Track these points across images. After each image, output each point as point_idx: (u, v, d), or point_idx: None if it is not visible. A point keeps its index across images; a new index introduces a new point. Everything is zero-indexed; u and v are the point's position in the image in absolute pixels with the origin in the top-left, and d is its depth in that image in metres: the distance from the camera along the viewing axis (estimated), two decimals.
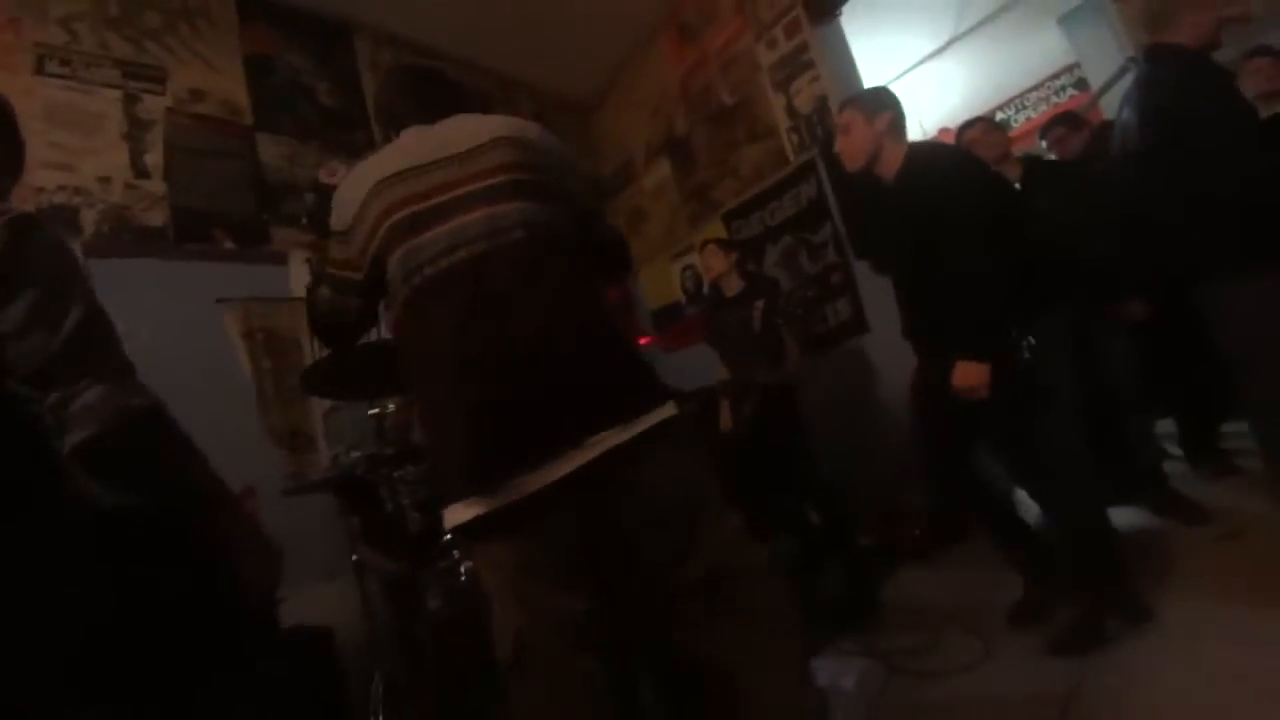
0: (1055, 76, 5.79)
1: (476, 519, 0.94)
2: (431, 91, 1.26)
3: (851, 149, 1.83)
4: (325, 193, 1.29)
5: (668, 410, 1.00)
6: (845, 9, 3.31)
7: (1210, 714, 1.27)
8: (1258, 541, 1.86)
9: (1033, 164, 2.54)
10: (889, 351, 3.06)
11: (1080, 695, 1.45)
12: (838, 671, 1.70)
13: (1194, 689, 1.34)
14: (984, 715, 1.52)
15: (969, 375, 1.59)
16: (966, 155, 1.86)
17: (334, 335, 1.26)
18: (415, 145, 1.10)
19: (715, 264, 2.73)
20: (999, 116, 5.90)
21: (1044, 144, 2.91)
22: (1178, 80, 1.77)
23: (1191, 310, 1.84)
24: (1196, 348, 2.00)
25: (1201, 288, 1.80)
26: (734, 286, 2.72)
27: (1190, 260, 1.79)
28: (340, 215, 1.12)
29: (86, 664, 0.82)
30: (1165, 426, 2.64)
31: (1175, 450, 2.59)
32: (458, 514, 0.96)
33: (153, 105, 2.59)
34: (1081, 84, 5.36)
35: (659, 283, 4.30)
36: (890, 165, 1.78)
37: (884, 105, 1.81)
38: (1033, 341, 1.64)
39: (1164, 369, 2.44)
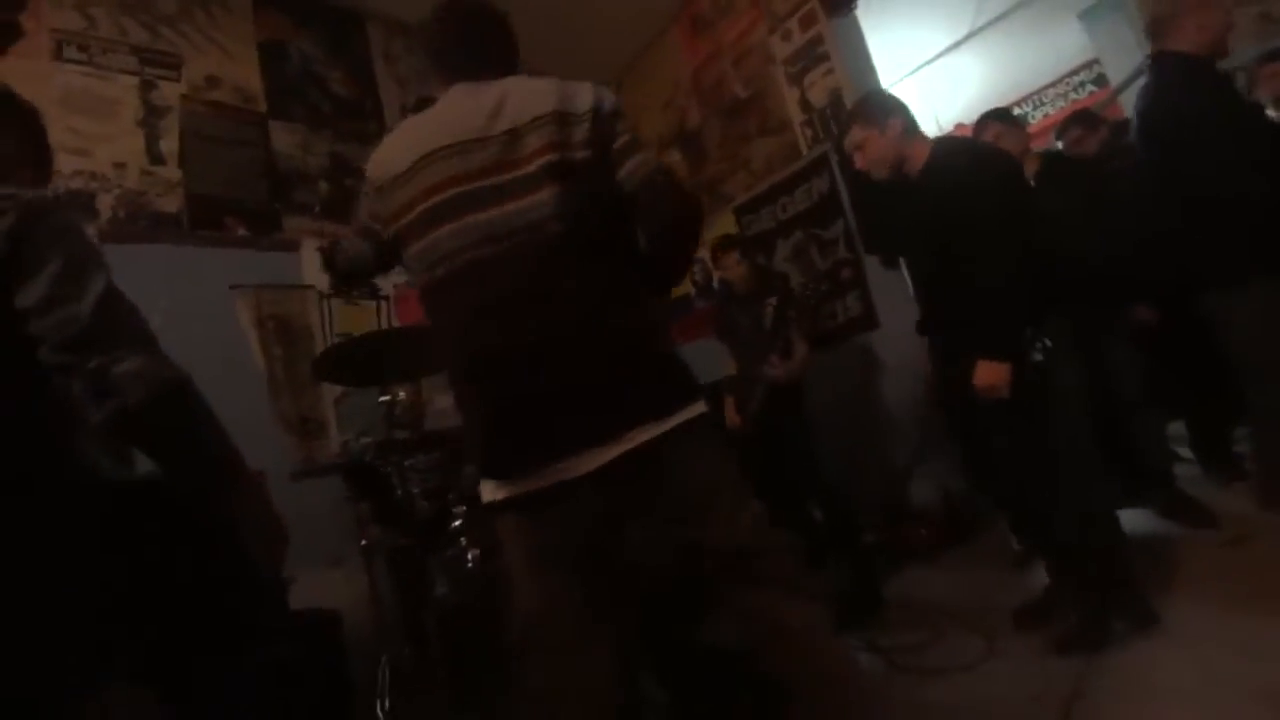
0: (1074, 73, 5.70)
1: (505, 499, 0.99)
2: (488, 44, 1.18)
3: (874, 162, 1.80)
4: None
5: (698, 407, 1.01)
6: (861, 1, 3.28)
7: (1211, 719, 1.26)
8: (1264, 548, 1.85)
9: (1052, 160, 2.51)
10: (899, 348, 3.04)
11: (1083, 696, 1.45)
12: None
13: (1196, 693, 1.34)
14: (986, 714, 1.52)
15: (990, 375, 1.59)
16: (992, 150, 1.83)
17: (344, 274, 1.25)
18: (463, 115, 1.05)
19: (733, 268, 2.70)
20: (1016, 113, 5.82)
21: (1060, 144, 2.87)
22: (1180, 90, 1.77)
23: (1200, 315, 1.84)
24: (1206, 352, 1.99)
25: (1207, 294, 1.80)
26: (745, 283, 2.71)
27: (1192, 268, 1.81)
28: (384, 170, 1.09)
29: (98, 641, 0.84)
30: (1177, 428, 2.62)
31: (1187, 453, 2.57)
32: (488, 492, 1.02)
33: (168, 92, 2.61)
34: (1101, 80, 5.28)
35: None
36: (917, 164, 1.76)
37: (888, 110, 1.78)
38: (1048, 343, 1.63)
39: (1175, 372, 2.42)
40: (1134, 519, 2.16)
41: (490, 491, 1.02)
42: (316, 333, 2.67)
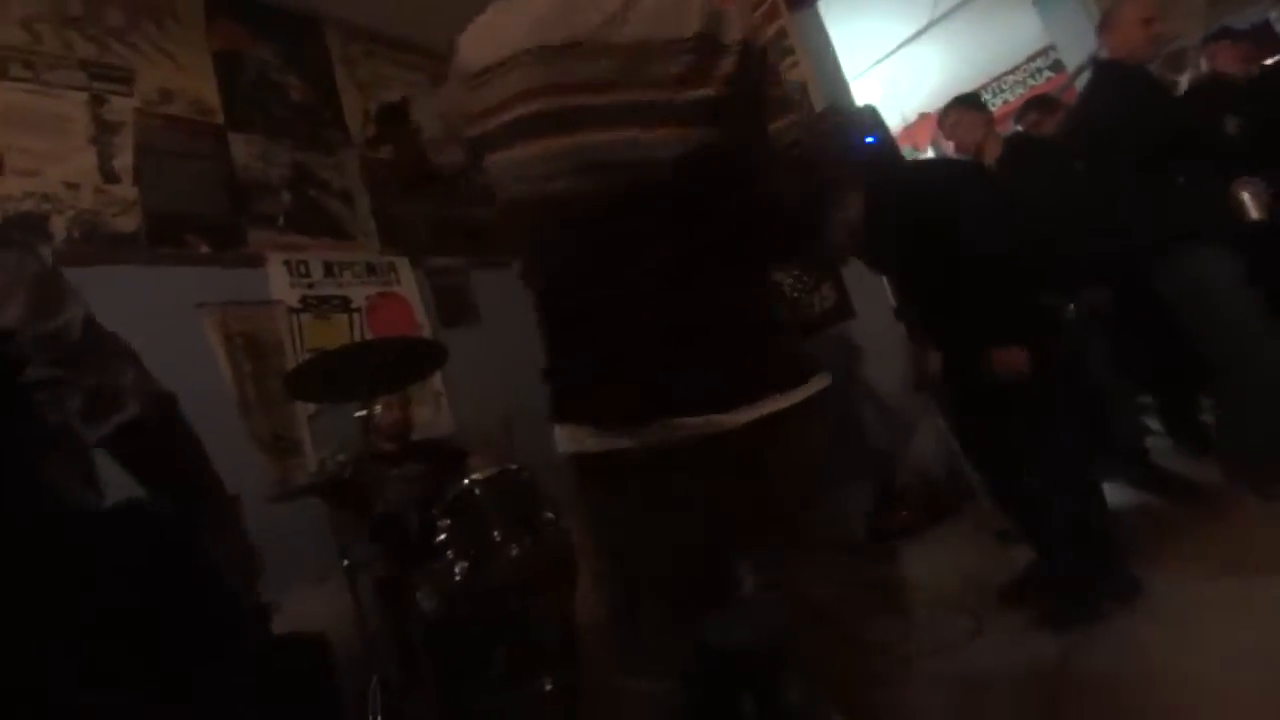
0: (1031, 59, 5.82)
1: (607, 454, 0.85)
2: None
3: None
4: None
5: (824, 380, 0.89)
6: None
7: (1198, 684, 1.30)
8: (1237, 515, 1.90)
9: (1014, 142, 2.56)
10: (875, 335, 3.08)
11: (1071, 669, 1.48)
12: None
13: (1181, 660, 1.37)
14: (974, 691, 1.54)
15: (1010, 359, 1.64)
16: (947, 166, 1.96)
17: (411, 168, 1.09)
18: (576, 4, 0.85)
19: None
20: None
21: (1019, 129, 2.93)
22: (1108, 95, 2.02)
23: (1159, 289, 1.96)
24: (1169, 325, 2.06)
25: (1155, 266, 1.96)
26: None
27: (1136, 244, 1.99)
28: (475, 55, 0.89)
29: (77, 656, 0.81)
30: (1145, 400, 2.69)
31: (1157, 425, 2.64)
32: (577, 441, 0.88)
33: (120, 107, 2.53)
34: (1058, 66, 5.40)
35: None
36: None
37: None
38: (1072, 307, 1.70)
39: (1140, 346, 2.48)
40: (1109, 493, 2.22)
41: (579, 441, 0.88)
42: (287, 349, 2.61)
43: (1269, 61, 2.54)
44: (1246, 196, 1.97)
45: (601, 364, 0.86)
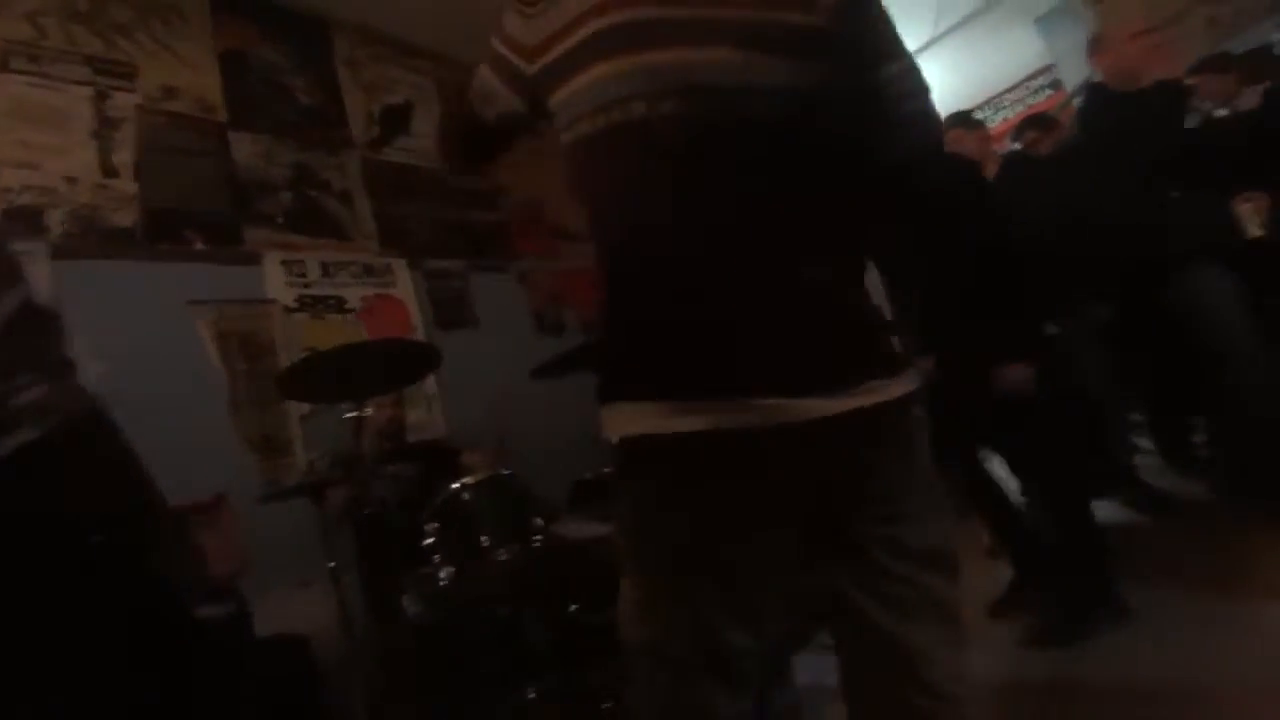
0: (1032, 77, 5.87)
1: (673, 436, 0.69)
2: None
3: None
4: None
5: (915, 376, 0.78)
6: None
7: (1185, 701, 1.29)
8: (1224, 532, 1.91)
9: (1016, 160, 2.58)
10: None
11: (1058, 686, 1.48)
12: (821, 669, 1.70)
13: (1169, 677, 1.37)
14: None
15: (1017, 375, 1.64)
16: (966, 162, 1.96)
17: (463, 137, 0.97)
18: None
19: None
20: (976, 116, 5.97)
21: (1017, 146, 2.95)
22: (1095, 117, 2.11)
23: (1157, 308, 1.96)
24: (1163, 343, 2.07)
25: (1152, 287, 1.99)
26: None
27: (1135, 261, 2.02)
28: None
29: (32, 670, 0.79)
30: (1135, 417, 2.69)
31: (1147, 444, 2.64)
32: (644, 420, 0.72)
33: (123, 102, 2.53)
34: (1058, 85, 5.44)
35: None
36: None
37: None
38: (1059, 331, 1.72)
39: (1133, 365, 2.49)
40: (1099, 511, 2.22)
41: (639, 422, 0.73)
42: (280, 349, 2.60)
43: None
44: (1246, 212, 1.99)
45: (680, 324, 0.72)
